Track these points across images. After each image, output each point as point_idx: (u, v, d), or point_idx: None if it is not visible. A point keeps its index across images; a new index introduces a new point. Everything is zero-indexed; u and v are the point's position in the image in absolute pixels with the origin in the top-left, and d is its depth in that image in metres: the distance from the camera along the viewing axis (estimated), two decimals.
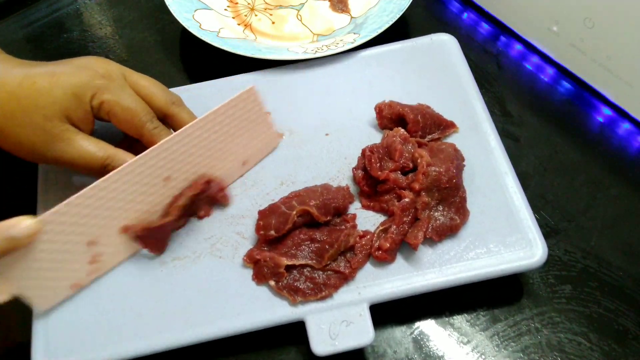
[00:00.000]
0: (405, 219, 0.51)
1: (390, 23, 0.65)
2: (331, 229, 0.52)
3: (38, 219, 0.46)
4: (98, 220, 0.50)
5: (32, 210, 0.55)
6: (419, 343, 0.51)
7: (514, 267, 0.50)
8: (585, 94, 0.66)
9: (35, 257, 0.47)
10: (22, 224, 0.45)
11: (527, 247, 0.51)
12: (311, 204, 0.52)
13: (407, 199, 0.52)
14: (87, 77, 0.51)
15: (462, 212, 0.52)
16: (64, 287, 0.51)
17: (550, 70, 0.68)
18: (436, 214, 0.52)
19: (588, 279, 0.54)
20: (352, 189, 0.56)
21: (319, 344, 0.48)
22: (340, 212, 0.54)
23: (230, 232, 0.54)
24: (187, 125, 0.52)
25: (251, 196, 0.56)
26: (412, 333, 0.52)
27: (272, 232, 0.51)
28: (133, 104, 0.52)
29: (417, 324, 0.52)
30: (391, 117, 0.58)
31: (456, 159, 0.54)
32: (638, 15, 0.56)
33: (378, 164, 0.54)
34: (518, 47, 0.71)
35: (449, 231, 0.52)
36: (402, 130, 0.56)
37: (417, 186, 0.52)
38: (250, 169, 0.58)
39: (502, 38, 0.72)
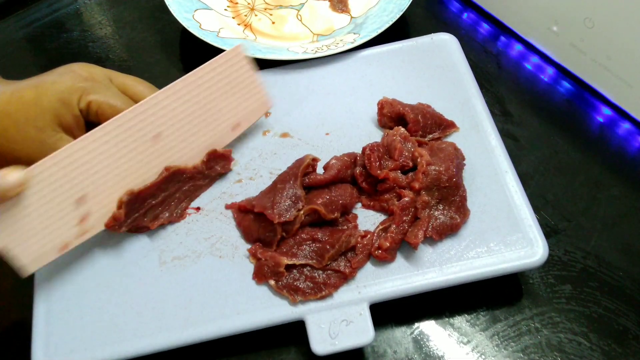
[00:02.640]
0: (405, 218, 0.51)
1: (390, 23, 0.65)
2: (333, 229, 0.52)
3: (27, 170, 0.46)
4: (87, 175, 0.49)
5: None
6: (419, 343, 0.51)
7: (515, 266, 0.50)
8: (585, 94, 0.66)
9: (23, 213, 0.47)
10: (10, 174, 0.45)
11: (528, 246, 0.51)
12: (318, 202, 0.52)
13: (407, 198, 0.52)
14: (70, 81, 0.51)
15: (462, 211, 0.52)
16: (52, 248, 0.50)
17: (550, 70, 0.68)
18: (436, 213, 0.52)
19: (588, 279, 0.54)
20: None
21: (319, 343, 0.48)
22: (347, 209, 0.54)
23: (230, 231, 0.54)
24: (175, 82, 0.52)
25: (252, 194, 0.56)
26: (412, 333, 0.52)
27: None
28: (119, 101, 0.52)
29: (417, 324, 0.52)
30: (391, 116, 0.58)
31: (456, 158, 0.54)
32: (638, 15, 0.56)
33: (378, 163, 0.54)
34: (518, 47, 0.71)
35: (449, 230, 0.52)
36: (402, 129, 0.56)
37: (417, 185, 0.52)
38: (240, 133, 0.58)
39: (502, 38, 0.72)
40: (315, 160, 0.55)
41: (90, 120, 0.53)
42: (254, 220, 0.53)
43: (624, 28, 0.58)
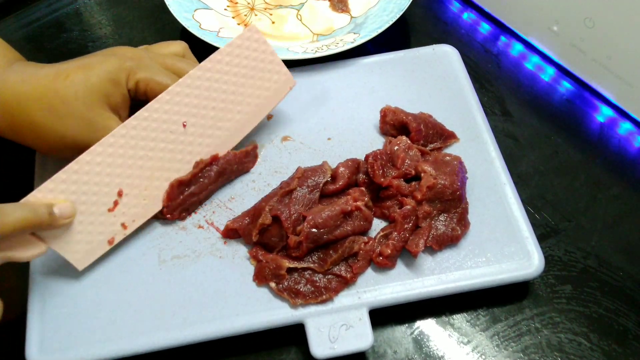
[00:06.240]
0: (406, 225, 0.51)
1: (390, 23, 0.65)
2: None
3: (68, 166, 0.47)
4: (123, 169, 0.50)
5: None
6: (419, 343, 0.51)
7: (512, 277, 0.51)
8: (586, 94, 0.66)
9: None
10: (63, 206, 0.47)
11: (525, 258, 0.52)
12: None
13: (408, 206, 0.52)
14: (118, 62, 0.51)
15: (463, 223, 0.53)
16: (100, 242, 0.51)
17: (550, 70, 0.68)
18: (437, 223, 0.53)
19: (588, 279, 0.54)
20: None
21: (319, 347, 0.48)
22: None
23: None
24: (195, 68, 0.53)
25: (253, 197, 0.56)
26: (412, 333, 0.52)
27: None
28: (166, 77, 0.52)
29: (417, 324, 0.52)
30: (394, 124, 0.58)
31: (461, 172, 0.54)
32: (638, 15, 0.56)
33: (381, 171, 0.54)
34: (518, 46, 0.71)
35: (449, 241, 0.52)
36: (406, 138, 0.56)
37: (419, 196, 0.52)
38: (267, 113, 0.59)
39: (502, 38, 0.71)
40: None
41: (137, 98, 0.53)
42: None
43: (624, 28, 0.58)
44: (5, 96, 0.50)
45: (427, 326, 0.52)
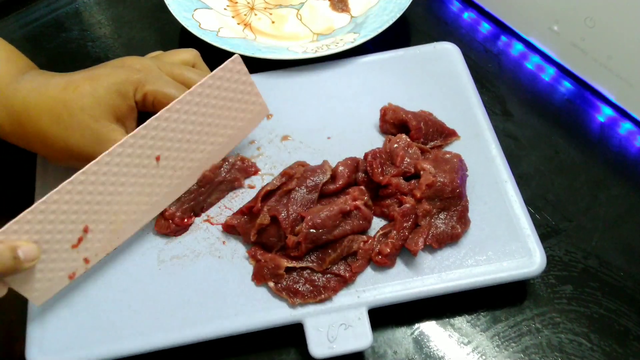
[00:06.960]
0: (405, 224, 0.51)
1: (390, 22, 0.65)
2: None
3: (36, 203, 0.46)
4: (92, 206, 0.49)
5: (29, 201, 0.55)
6: (420, 343, 0.51)
7: (513, 275, 0.51)
8: (586, 94, 0.66)
9: None
10: (26, 248, 0.45)
11: (526, 256, 0.51)
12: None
13: (408, 205, 0.52)
14: (125, 74, 0.52)
15: (463, 221, 0.53)
16: (60, 278, 0.49)
17: (551, 70, 0.68)
18: (437, 221, 0.52)
19: (589, 280, 0.54)
20: None
21: (317, 346, 0.48)
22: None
23: None
24: (174, 102, 0.51)
25: (252, 197, 0.56)
26: (412, 333, 0.52)
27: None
28: (173, 90, 0.52)
29: (418, 324, 0.52)
30: (394, 122, 0.58)
31: (461, 170, 0.54)
32: (638, 15, 0.56)
33: (380, 169, 0.54)
34: (519, 46, 0.70)
35: (449, 239, 0.52)
36: (405, 136, 0.56)
37: (418, 194, 0.52)
38: (239, 142, 0.58)
39: (503, 37, 0.71)
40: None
41: (145, 110, 0.53)
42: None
43: (624, 27, 0.57)
44: (15, 106, 0.50)
45: (427, 326, 0.52)
